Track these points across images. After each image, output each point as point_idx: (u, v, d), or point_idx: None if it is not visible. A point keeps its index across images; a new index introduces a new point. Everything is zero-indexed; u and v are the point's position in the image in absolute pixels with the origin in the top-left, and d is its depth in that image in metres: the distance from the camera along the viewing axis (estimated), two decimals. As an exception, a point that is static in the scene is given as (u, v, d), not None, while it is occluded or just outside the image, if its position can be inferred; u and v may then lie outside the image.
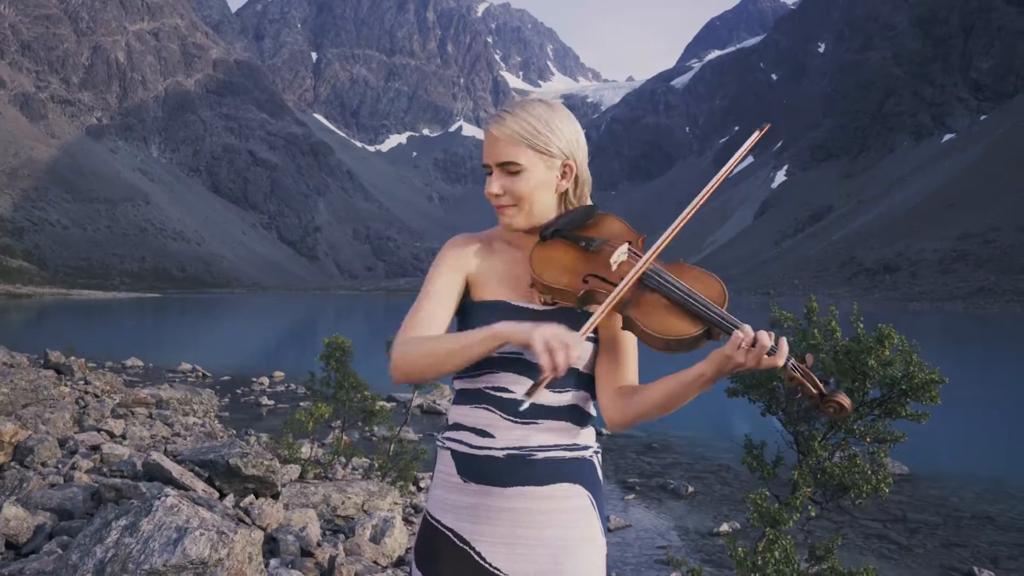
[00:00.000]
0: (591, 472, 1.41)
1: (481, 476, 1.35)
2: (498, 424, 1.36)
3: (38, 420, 5.71)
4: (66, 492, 3.80)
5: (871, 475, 3.10)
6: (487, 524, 1.35)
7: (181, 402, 10.57)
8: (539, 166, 1.38)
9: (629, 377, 1.40)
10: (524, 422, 1.35)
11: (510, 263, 1.45)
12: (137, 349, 21.89)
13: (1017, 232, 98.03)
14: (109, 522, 2.84)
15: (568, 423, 1.39)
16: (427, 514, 1.43)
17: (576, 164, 1.41)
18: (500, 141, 1.37)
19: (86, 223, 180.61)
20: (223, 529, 2.87)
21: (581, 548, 1.36)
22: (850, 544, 6.61)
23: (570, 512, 1.36)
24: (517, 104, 1.41)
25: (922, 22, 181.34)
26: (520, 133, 1.36)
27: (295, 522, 4.26)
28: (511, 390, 1.36)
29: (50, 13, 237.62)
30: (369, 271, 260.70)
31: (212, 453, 4.71)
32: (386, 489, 5.63)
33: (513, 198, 1.39)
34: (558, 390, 1.37)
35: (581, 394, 1.41)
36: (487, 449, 1.36)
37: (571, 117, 1.43)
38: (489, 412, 1.37)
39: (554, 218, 1.42)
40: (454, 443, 1.41)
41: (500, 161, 1.38)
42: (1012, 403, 16.78)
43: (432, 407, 13.61)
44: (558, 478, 1.36)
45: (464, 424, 1.40)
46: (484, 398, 1.38)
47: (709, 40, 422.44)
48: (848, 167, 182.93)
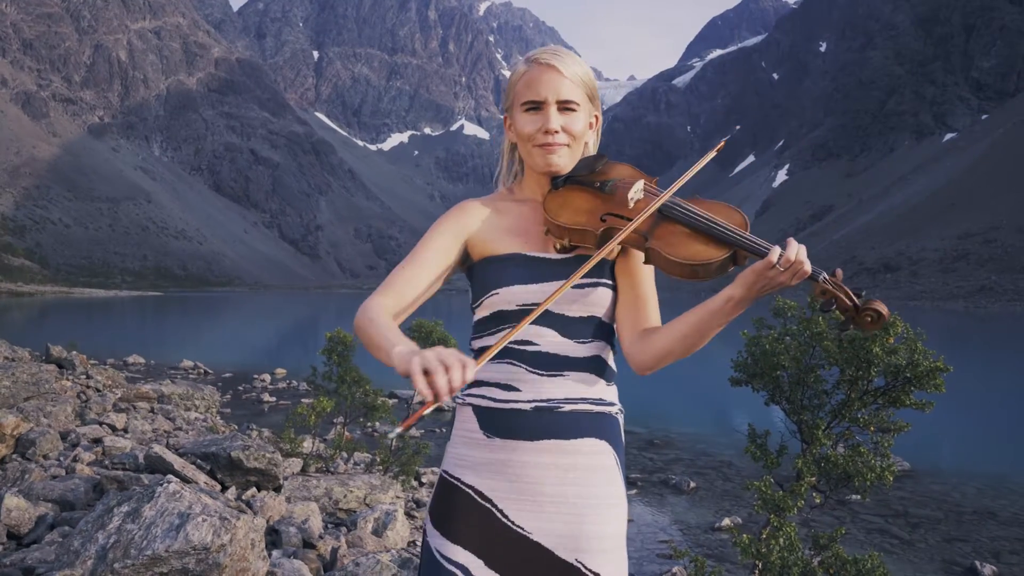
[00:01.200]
0: (615, 430, 1.40)
1: (507, 430, 1.33)
2: (524, 377, 1.34)
3: (40, 413, 5.71)
4: (68, 484, 3.80)
5: (875, 464, 3.09)
6: (511, 481, 1.33)
7: (183, 397, 10.57)
8: (588, 108, 1.42)
9: (652, 319, 1.38)
10: (550, 374, 1.34)
11: (519, 217, 1.44)
12: (139, 346, 21.91)
13: (1018, 231, 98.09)
14: (111, 508, 2.83)
15: (592, 375, 1.37)
16: (444, 473, 1.40)
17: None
18: (566, 79, 1.38)
19: (88, 221, 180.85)
20: (225, 515, 2.86)
21: (605, 510, 1.34)
22: (852, 538, 6.61)
23: (595, 471, 1.34)
24: (561, 49, 1.42)
25: (924, 21, 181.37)
26: (581, 76, 1.39)
27: (297, 514, 4.26)
28: (535, 343, 1.35)
29: (52, 11, 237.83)
30: (371, 270, 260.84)
31: (214, 446, 4.71)
32: (388, 483, 5.63)
33: (568, 136, 1.39)
34: (580, 340, 1.36)
35: (602, 344, 1.40)
36: (513, 403, 1.34)
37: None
38: (513, 366, 1.35)
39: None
40: (476, 398, 1.38)
41: (564, 98, 1.38)
42: (1013, 400, 16.79)
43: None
44: (584, 432, 1.34)
45: (486, 380, 1.37)
46: (507, 352, 1.35)
47: (711, 39, 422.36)
48: (849, 166, 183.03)
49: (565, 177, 1.41)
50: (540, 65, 1.39)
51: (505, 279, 1.36)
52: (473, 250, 1.43)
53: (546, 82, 1.38)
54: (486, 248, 1.41)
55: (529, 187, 1.47)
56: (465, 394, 1.41)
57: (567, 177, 1.41)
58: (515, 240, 1.41)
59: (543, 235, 1.40)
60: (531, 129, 1.38)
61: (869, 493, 3.23)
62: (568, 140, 1.39)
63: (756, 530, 7.22)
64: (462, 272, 1.47)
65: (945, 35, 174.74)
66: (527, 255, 1.38)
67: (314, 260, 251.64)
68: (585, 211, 1.35)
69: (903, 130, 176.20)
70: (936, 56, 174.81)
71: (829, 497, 3.37)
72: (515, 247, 1.40)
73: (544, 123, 1.38)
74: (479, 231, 1.43)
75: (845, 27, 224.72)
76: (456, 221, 1.44)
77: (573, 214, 1.35)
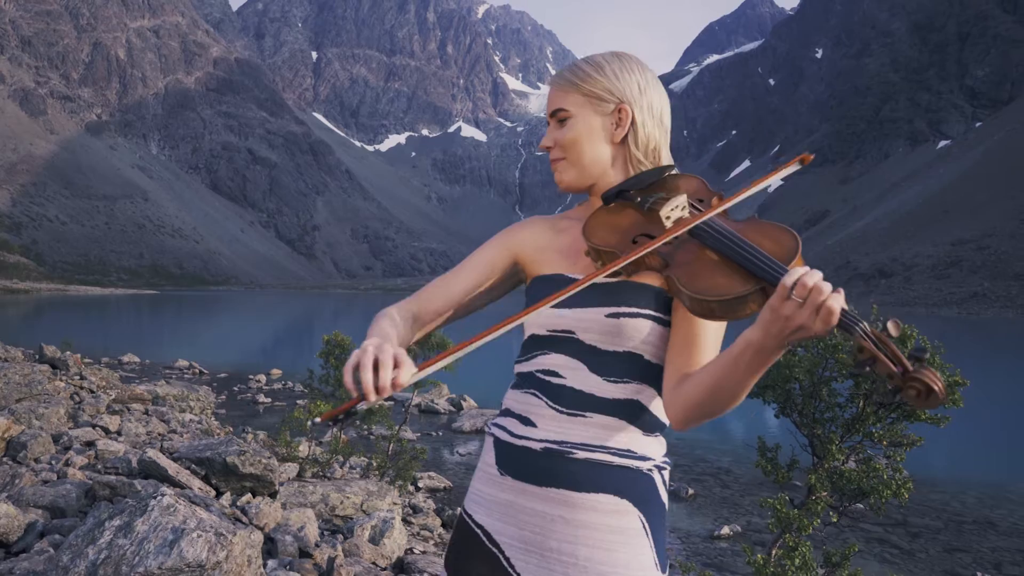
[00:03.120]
0: (647, 488, 1.19)
1: (517, 470, 1.21)
2: (542, 412, 1.21)
3: (31, 415, 5.62)
4: (59, 489, 3.71)
5: (891, 480, 3.02)
6: (519, 528, 1.20)
7: (178, 399, 10.48)
8: (587, 111, 1.27)
9: (700, 364, 1.16)
10: (571, 413, 1.19)
11: (576, 238, 1.31)
12: (134, 345, 21.80)
13: (1011, 238, 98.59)
14: (102, 522, 2.72)
15: (624, 421, 1.19)
16: (463, 508, 1.31)
17: (633, 110, 1.26)
18: (553, 90, 1.30)
19: (84, 219, 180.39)
20: (221, 530, 2.77)
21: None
22: (839, 540, 6.57)
23: (612, 532, 1.16)
24: (576, 62, 1.32)
25: (919, 29, 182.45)
26: (569, 79, 1.28)
27: (293, 522, 4.18)
28: (561, 375, 1.21)
29: (51, 9, 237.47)
30: (367, 270, 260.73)
31: (209, 451, 4.63)
32: (385, 489, 5.56)
33: (561, 149, 1.28)
34: (611, 379, 1.19)
35: (643, 388, 1.20)
36: (525, 439, 1.21)
37: (640, 66, 1.30)
38: (535, 398, 1.23)
39: (623, 181, 1.29)
40: (498, 429, 1.28)
41: (552, 109, 1.29)
42: (1010, 408, 16.78)
43: (430, 407, 13.56)
44: (600, 487, 1.16)
45: (511, 410, 1.27)
46: (532, 382, 1.24)
47: (708, 44, 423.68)
48: (844, 172, 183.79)
49: (616, 190, 1.26)
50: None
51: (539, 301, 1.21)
52: (525, 268, 1.34)
53: (550, 97, 1.32)
54: (534, 267, 1.32)
55: (593, 204, 1.36)
56: (492, 423, 1.31)
57: (618, 192, 1.26)
58: (563, 261, 1.29)
59: (584, 254, 1.27)
60: (540, 147, 1.33)
61: (884, 511, 3.17)
62: (563, 152, 1.29)
63: (756, 538, 7.18)
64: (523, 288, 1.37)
65: (940, 43, 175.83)
66: (566, 276, 1.25)
67: (310, 260, 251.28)
68: (620, 231, 1.20)
69: (898, 137, 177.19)
70: (931, 64, 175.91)
71: (844, 514, 3.30)
72: (560, 268, 1.28)
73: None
74: (532, 249, 1.33)
75: (841, 34, 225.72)
76: (510, 235, 1.36)
77: (607, 234, 1.21)
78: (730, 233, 1.08)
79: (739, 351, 1.01)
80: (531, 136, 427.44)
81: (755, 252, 1.03)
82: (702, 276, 1.06)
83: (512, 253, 1.34)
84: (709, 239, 1.10)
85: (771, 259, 1.01)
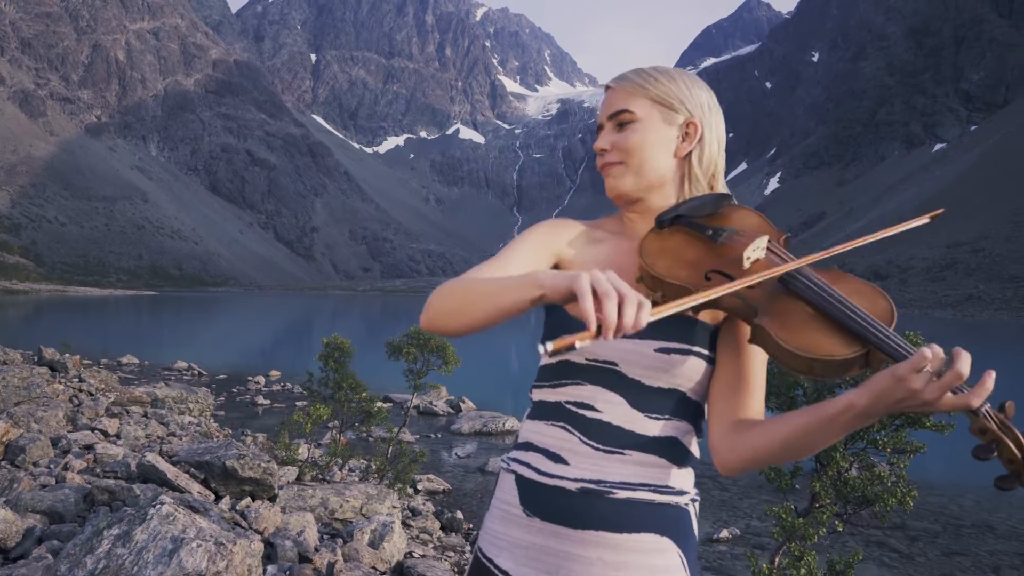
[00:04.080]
0: (684, 523, 1.15)
1: (549, 511, 1.12)
2: (576, 449, 1.12)
3: (30, 418, 5.61)
4: (57, 494, 3.69)
5: (897, 488, 3.02)
6: (551, 573, 1.11)
7: (177, 401, 10.47)
8: (655, 117, 1.18)
9: (752, 408, 1.12)
10: (608, 450, 1.11)
11: (615, 253, 1.21)
12: (133, 347, 21.76)
13: (1006, 241, 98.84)
14: (101, 530, 2.68)
15: (662, 459, 1.13)
16: (479, 550, 1.21)
17: (703, 127, 1.19)
18: (614, 91, 1.21)
19: (83, 220, 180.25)
20: (221, 540, 2.73)
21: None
22: (850, 550, 6.54)
23: (655, 572, 1.10)
24: (641, 68, 1.24)
25: (915, 33, 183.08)
26: (637, 81, 1.19)
27: (293, 526, 4.17)
28: (597, 408, 1.12)
29: (51, 11, 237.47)
30: (365, 272, 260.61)
31: (208, 454, 4.62)
32: (384, 492, 5.55)
33: (621, 152, 1.19)
34: (653, 415, 1.13)
35: (683, 425, 1.15)
36: (558, 478, 1.12)
37: (707, 87, 1.23)
38: (567, 432, 1.14)
39: (676, 203, 1.19)
40: (521, 466, 1.17)
41: (612, 111, 1.20)
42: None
43: (429, 408, 13.53)
44: (641, 526, 1.11)
45: (536, 444, 1.17)
46: (563, 414, 1.15)
47: (705, 47, 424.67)
48: (840, 175, 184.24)
49: (673, 215, 1.15)
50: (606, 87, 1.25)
51: (580, 325, 1.06)
52: None
53: (602, 104, 1.24)
54: None
55: (629, 220, 1.25)
56: (509, 458, 1.22)
57: (676, 215, 1.15)
58: None
59: (635, 280, 1.14)
60: (595, 147, 1.23)
61: (888, 519, 3.16)
62: (621, 156, 1.19)
63: (755, 542, 7.18)
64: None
65: (935, 47, 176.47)
66: None
67: (309, 261, 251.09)
68: (688, 263, 1.10)
69: (893, 140, 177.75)
70: (926, 67, 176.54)
71: (849, 522, 3.29)
72: None
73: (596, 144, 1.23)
74: (570, 258, 1.23)
75: (837, 38, 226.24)
76: (550, 234, 1.23)
77: (672, 265, 1.10)
78: (827, 287, 1.01)
79: (837, 411, 0.93)
80: (529, 138, 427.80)
81: (859, 312, 0.96)
82: (801, 331, 0.97)
83: (555, 254, 1.23)
84: (804, 289, 1.01)
85: (877, 322, 0.95)
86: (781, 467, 3.41)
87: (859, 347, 0.94)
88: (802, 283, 1.02)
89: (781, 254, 1.09)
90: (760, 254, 1.08)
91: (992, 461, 0.84)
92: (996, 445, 0.87)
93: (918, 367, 0.85)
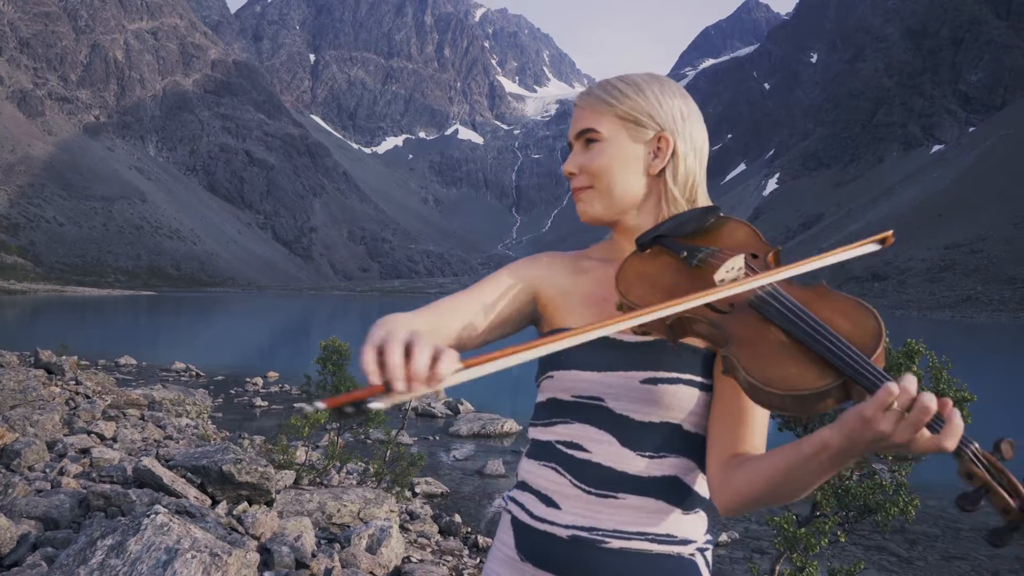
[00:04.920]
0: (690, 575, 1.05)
1: (541, 557, 1.05)
2: (567, 492, 1.05)
3: (26, 422, 5.57)
4: (52, 499, 3.66)
5: (899, 497, 2.99)
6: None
7: (174, 403, 10.44)
8: (621, 135, 1.10)
9: (750, 441, 1.03)
10: (600, 493, 1.03)
11: (601, 282, 1.13)
12: (131, 347, 21.72)
13: (1003, 242, 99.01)
14: (94, 540, 2.65)
15: (662, 502, 1.04)
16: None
17: (675, 140, 1.10)
18: (581, 109, 1.13)
19: (82, 220, 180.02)
20: (216, 551, 2.70)
21: None
22: (848, 555, 6.53)
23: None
24: (607, 80, 1.15)
25: (913, 34, 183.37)
26: (603, 97, 1.11)
27: (290, 531, 4.15)
28: (586, 448, 1.05)
29: (49, 11, 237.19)
30: (364, 272, 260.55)
31: (205, 459, 4.59)
32: (382, 496, 5.52)
33: (588, 176, 1.11)
34: (645, 453, 1.04)
35: (683, 462, 1.06)
36: (549, 523, 1.05)
37: (682, 92, 1.14)
38: (557, 474, 1.07)
39: (658, 223, 1.11)
40: (516, 507, 1.12)
41: (578, 130, 1.13)
42: (1005, 411, 16.78)
43: (427, 410, 13.52)
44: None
45: (530, 485, 1.11)
46: (554, 454, 1.08)
47: (703, 48, 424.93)
48: (839, 176, 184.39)
49: (654, 235, 1.07)
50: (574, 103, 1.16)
51: (563, 360, 1.06)
52: (544, 311, 1.16)
53: (571, 125, 1.16)
54: (556, 315, 1.14)
55: (618, 244, 1.17)
56: (509, 497, 1.15)
57: (656, 236, 1.07)
58: (589, 311, 1.11)
59: (615, 309, 1.05)
60: (564, 171, 1.14)
61: (891, 527, 3.14)
62: (590, 180, 1.11)
63: (754, 546, 7.15)
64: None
65: (934, 48, 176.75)
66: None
67: (307, 262, 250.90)
68: (661, 288, 1.01)
69: (892, 141, 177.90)
70: (925, 69, 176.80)
71: (851, 532, 3.27)
72: (587, 319, 1.09)
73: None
74: (554, 290, 1.15)
75: (836, 39, 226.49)
76: (528, 267, 1.17)
77: (645, 292, 1.01)
78: (800, 309, 0.90)
79: (812, 451, 0.85)
80: (528, 139, 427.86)
81: (834, 338, 0.84)
82: (770, 361, 0.87)
83: (532, 288, 1.15)
84: (775, 314, 0.91)
85: (853, 349, 0.83)
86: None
87: (832, 378, 0.83)
88: (774, 306, 0.92)
89: (759, 271, 0.98)
90: (736, 273, 0.98)
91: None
92: (986, 492, 0.76)
93: (885, 404, 0.76)
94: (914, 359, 3.01)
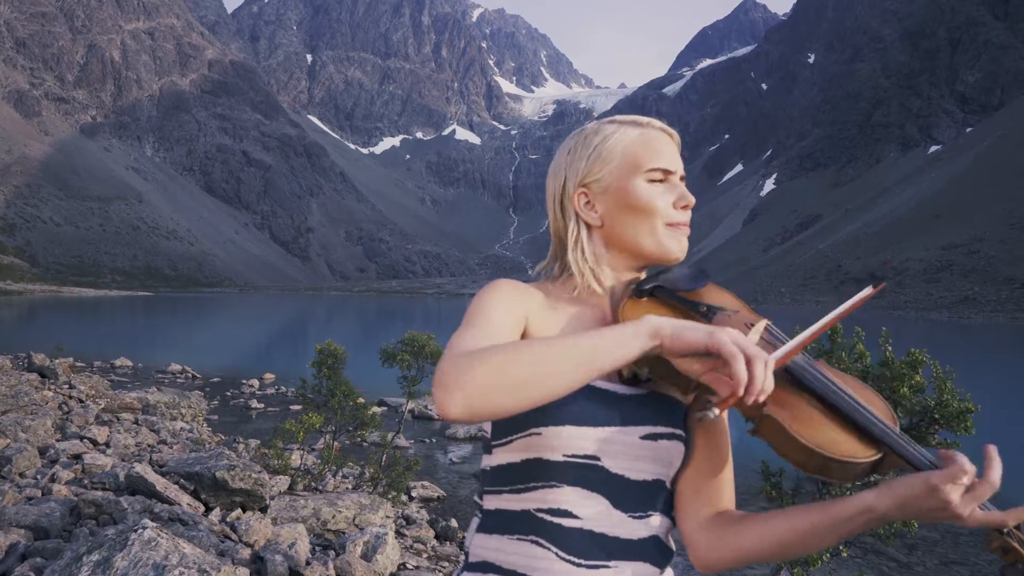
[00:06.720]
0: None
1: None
2: (552, 567, 0.93)
3: (18, 427, 5.51)
4: (43, 508, 3.61)
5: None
6: None
7: (169, 406, 10.37)
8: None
9: (727, 498, 1.02)
10: (591, 565, 0.93)
11: (575, 320, 1.05)
12: (127, 348, 21.62)
13: (1001, 243, 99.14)
14: (80, 556, 2.58)
15: (649, 565, 0.97)
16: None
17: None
18: (676, 149, 1.11)
19: (78, 220, 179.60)
20: (205, 567, 2.63)
21: None
22: (848, 561, 6.50)
23: None
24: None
25: (910, 35, 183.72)
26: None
27: (284, 538, 4.10)
28: (576, 514, 0.94)
29: (46, 11, 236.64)
30: (361, 272, 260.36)
31: (198, 465, 4.54)
32: (378, 502, 5.47)
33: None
34: (638, 515, 0.97)
35: (664, 521, 1.01)
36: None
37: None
38: (538, 547, 0.95)
39: (654, 273, 1.08)
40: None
41: (682, 172, 1.11)
42: (1003, 413, 16.77)
43: (423, 412, 13.43)
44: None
45: (498, 565, 0.97)
46: (533, 525, 0.96)
47: (701, 49, 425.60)
48: (836, 176, 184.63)
49: (653, 285, 1.04)
50: (657, 130, 1.09)
51: (557, 414, 0.94)
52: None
53: (673, 152, 1.09)
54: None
55: (583, 287, 1.08)
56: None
57: (656, 285, 1.04)
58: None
59: None
60: (662, 203, 1.05)
61: (893, 541, 3.10)
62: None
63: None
64: None
65: (931, 49, 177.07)
66: (592, 384, 0.96)
67: (304, 262, 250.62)
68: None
69: (889, 142, 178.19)
70: (922, 69, 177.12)
71: (854, 545, 3.23)
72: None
73: (681, 197, 1.06)
74: (539, 324, 1.04)
75: (833, 39, 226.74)
76: (522, 299, 1.04)
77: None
78: (837, 382, 0.92)
79: (852, 513, 0.83)
80: (525, 139, 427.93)
81: (871, 412, 0.88)
82: (814, 426, 0.87)
83: (526, 318, 1.04)
84: (815, 382, 0.91)
85: (893, 427, 0.87)
86: (780, 485, 3.34)
87: (876, 450, 0.86)
88: (811, 374, 0.92)
89: (778, 339, 0.98)
90: (756, 338, 0.94)
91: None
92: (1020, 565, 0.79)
93: (956, 479, 0.77)
94: (917, 369, 2.98)
